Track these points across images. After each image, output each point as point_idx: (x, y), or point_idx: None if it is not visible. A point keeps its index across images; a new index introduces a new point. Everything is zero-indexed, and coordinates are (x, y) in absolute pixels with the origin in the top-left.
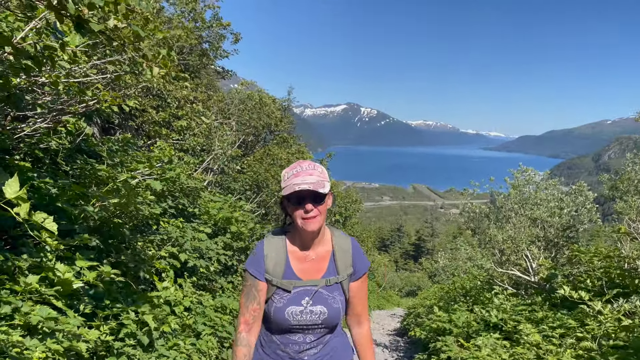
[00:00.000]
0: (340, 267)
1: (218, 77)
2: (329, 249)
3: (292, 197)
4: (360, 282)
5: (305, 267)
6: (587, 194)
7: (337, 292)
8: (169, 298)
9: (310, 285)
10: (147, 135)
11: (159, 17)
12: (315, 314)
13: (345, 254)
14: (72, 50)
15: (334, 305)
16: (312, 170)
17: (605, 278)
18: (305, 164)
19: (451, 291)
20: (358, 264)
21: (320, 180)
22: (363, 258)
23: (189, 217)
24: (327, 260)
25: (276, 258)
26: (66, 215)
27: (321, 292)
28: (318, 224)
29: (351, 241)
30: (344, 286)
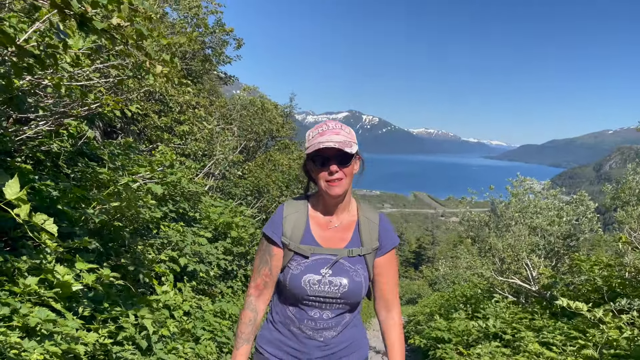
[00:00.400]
0: (365, 239)
1: (220, 83)
2: (354, 218)
3: (316, 157)
4: (387, 259)
5: (327, 234)
6: (588, 203)
7: (360, 265)
8: (168, 302)
9: (330, 254)
10: (149, 139)
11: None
12: (335, 285)
13: (371, 225)
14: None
15: (356, 279)
16: (339, 130)
17: (605, 287)
18: (332, 123)
19: (451, 299)
20: (385, 238)
21: (348, 140)
22: (391, 233)
23: (190, 221)
24: (352, 230)
25: (296, 221)
26: (67, 218)
27: (342, 263)
28: (343, 187)
29: (379, 215)
30: (367, 261)
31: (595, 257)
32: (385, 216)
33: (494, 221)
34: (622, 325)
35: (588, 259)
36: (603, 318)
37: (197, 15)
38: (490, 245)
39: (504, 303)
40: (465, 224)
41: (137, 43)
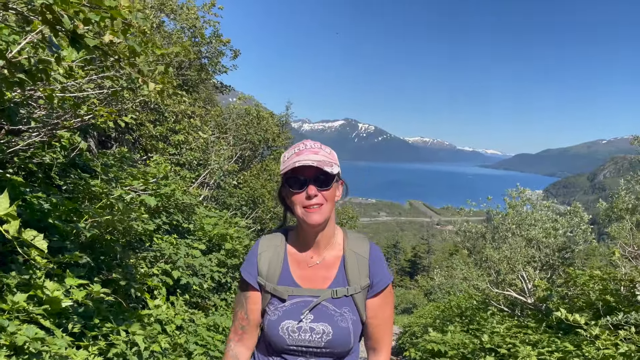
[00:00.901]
0: (351, 276)
1: (216, 92)
2: (339, 253)
3: (291, 179)
4: (381, 300)
5: (308, 273)
6: (582, 215)
7: (347, 307)
8: (160, 316)
9: (311, 296)
10: (143, 148)
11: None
12: (317, 333)
13: (359, 260)
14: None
15: (342, 324)
16: (318, 149)
17: (601, 302)
18: (310, 142)
19: (447, 310)
20: (377, 275)
21: (328, 160)
22: (384, 268)
23: (183, 233)
24: (336, 267)
25: (272, 258)
26: (57, 232)
27: (325, 306)
28: (324, 214)
29: (370, 246)
30: (357, 302)
31: (590, 272)
32: (377, 248)
33: (490, 232)
34: (619, 342)
35: (583, 273)
36: (600, 334)
37: (195, 26)
38: (487, 257)
39: (499, 316)
40: (462, 235)
41: (130, 60)
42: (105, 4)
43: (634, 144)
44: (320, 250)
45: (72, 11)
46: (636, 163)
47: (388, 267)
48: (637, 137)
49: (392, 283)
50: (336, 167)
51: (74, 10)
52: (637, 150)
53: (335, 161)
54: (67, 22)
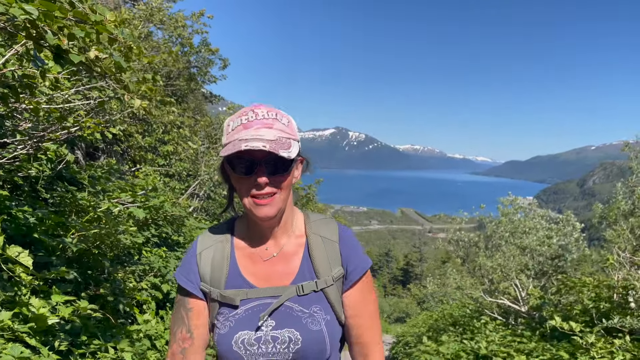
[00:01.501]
0: (319, 266)
1: (206, 102)
2: (302, 240)
3: (236, 160)
4: (359, 290)
5: (262, 269)
6: (574, 223)
7: (317, 306)
8: (149, 332)
9: (270, 297)
10: (132, 160)
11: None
12: (282, 342)
13: (328, 246)
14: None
15: (312, 327)
16: (272, 121)
17: (594, 309)
18: (263, 109)
19: (440, 319)
20: (352, 260)
21: (285, 136)
22: (358, 251)
23: (173, 245)
24: (299, 257)
25: (214, 257)
26: (43, 247)
27: (289, 308)
28: (276, 206)
29: (338, 227)
30: (330, 297)
31: (584, 279)
32: (348, 229)
33: (483, 241)
34: (614, 350)
35: (577, 281)
36: (595, 342)
37: (183, 35)
38: (480, 265)
39: (493, 325)
40: (454, 244)
41: (116, 76)
42: (91, 19)
43: (625, 150)
44: (277, 240)
45: (56, 27)
46: (626, 169)
47: (362, 250)
48: (627, 144)
49: (370, 269)
50: (295, 147)
51: (58, 26)
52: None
53: (294, 136)
54: (50, 38)
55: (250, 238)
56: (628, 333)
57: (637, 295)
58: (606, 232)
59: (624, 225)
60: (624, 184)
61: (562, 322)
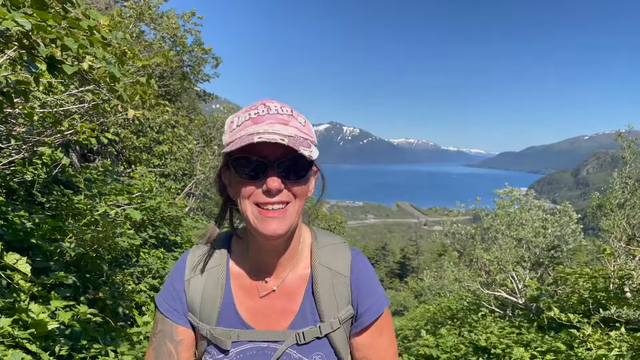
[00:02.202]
0: (324, 306)
1: (199, 100)
2: (306, 271)
3: (240, 160)
4: (373, 335)
5: (259, 305)
6: (571, 214)
7: (320, 353)
8: (149, 334)
9: (268, 342)
10: (127, 160)
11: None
12: None
13: (336, 280)
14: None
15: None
16: (288, 117)
17: (591, 299)
18: (276, 104)
19: (438, 312)
20: (366, 300)
21: (304, 136)
22: (375, 290)
23: (170, 246)
24: (301, 295)
25: (206, 285)
26: (41, 252)
27: (288, 355)
28: (288, 221)
29: (352, 257)
30: (335, 343)
31: (580, 269)
32: (363, 259)
33: (480, 233)
34: (611, 342)
35: (573, 272)
36: (592, 334)
37: (175, 35)
38: (477, 258)
39: (491, 317)
40: (451, 237)
41: (110, 85)
42: (84, 26)
43: (617, 139)
44: (280, 271)
45: (48, 40)
46: (618, 158)
47: (379, 284)
48: (620, 133)
49: (387, 307)
50: (315, 149)
51: (50, 38)
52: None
53: (313, 138)
54: (43, 50)
55: (250, 265)
56: (624, 323)
57: (633, 285)
58: (602, 222)
59: (619, 214)
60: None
61: (560, 313)
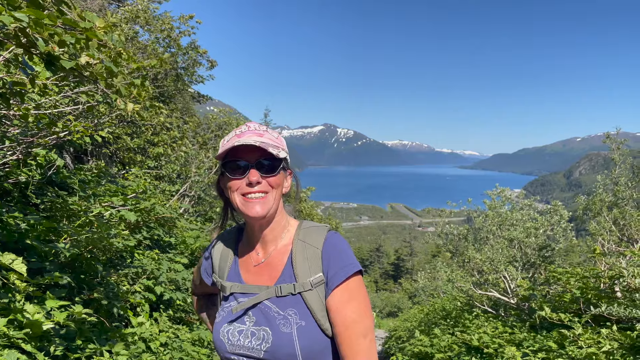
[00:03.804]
0: (299, 270)
1: (194, 102)
2: (288, 248)
3: (230, 163)
4: (338, 297)
5: (253, 272)
6: (562, 212)
7: (293, 310)
8: (144, 334)
9: (253, 294)
10: (121, 162)
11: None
12: (257, 339)
13: (310, 252)
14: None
15: (283, 330)
16: (263, 132)
17: (582, 298)
18: (255, 124)
19: (431, 313)
20: (333, 266)
21: (274, 144)
22: (343, 258)
23: (165, 247)
24: (283, 263)
25: (222, 253)
26: (36, 252)
27: (268, 307)
28: (267, 205)
29: (327, 235)
30: (310, 303)
31: (572, 269)
32: (337, 236)
33: (472, 234)
34: (601, 340)
35: (564, 271)
36: (583, 334)
37: (170, 37)
38: (469, 258)
39: (484, 317)
40: (444, 237)
41: (107, 81)
42: (81, 26)
43: (606, 142)
44: (267, 247)
45: (46, 34)
46: (610, 160)
47: (353, 256)
48: (608, 135)
49: (360, 274)
50: (283, 152)
51: (49, 33)
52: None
53: (282, 146)
54: (42, 45)
55: (247, 244)
56: (615, 322)
57: (624, 284)
58: (590, 225)
59: (607, 217)
60: (606, 176)
61: (552, 312)
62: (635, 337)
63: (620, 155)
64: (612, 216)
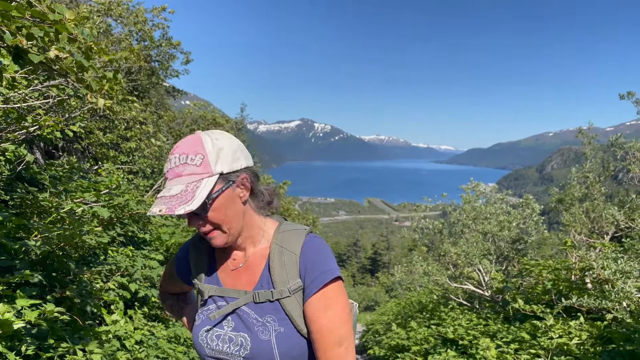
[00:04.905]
0: (276, 277)
1: (168, 96)
2: (266, 252)
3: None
4: (315, 303)
5: (232, 276)
6: (533, 206)
7: (271, 316)
8: (118, 332)
9: (232, 298)
10: (93, 157)
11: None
12: (236, 344)
13: (287, 257)
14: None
15: (262, 337)
16: (182, 167)
17: (554, 290)
18: (176, 152)
19: (408, 306)
20: (311, 272)
21: (194, 180)
22: (321, 264)
23: (139, 244)
24: (261, 268)
25: (199, 253)
26: (5, 250)
27: (247, 313)
28: (220, 239)
29: (306, 239)
30: (288, 310)
31: (544, 261)
32: (317, 241)
33: (447, 228)
34: (572, 331)
35: (537, 264)
36: (554, 324)
37: (143, 30)
38: (445, 252)
39: (459, 310)
40: (419, 232)
41: (78, 75)
42: (50, 18)
43: (578, 136)
44: (245, 251)
45: (14, 26)
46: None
47: (333, 261)
48: (580, 130)
49: (341, 280)
50: (208, 184)
51: (16, 26)
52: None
53: (208, 172)
54: (8, 38)
55: (225, 249)
56: (585, 312)
57: (594, 276)
58: (563, 217)
59: (579, 209)
60: (578, 170)
61: (525, 305)
62: (603, 328)
63: (591, 149)
64: (584, 208)
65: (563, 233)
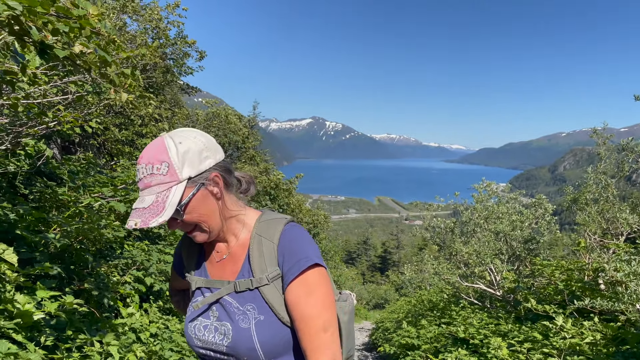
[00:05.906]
0: (255, 265)
1: (182, 93)
2: (247, 242)
3: None
4: (294, 291)
5: (218, 267)
6: (546, 206)
7: (251, 305)
8: (134, 325)
9: (216, 288)
10: (109, 153)
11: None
12: (220, 334)
13: (266, 246)
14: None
15: (242, 325)
16: (149, 178)
17: (567, 291)
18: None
19: (418, 304)
20: (289, 260)
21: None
22: (298, 251)
23: (155, 238)
24: (243, 258)
25: (190, 246)
26: (26, 243)
27: (229, 302)
28: (201, 236)
29: (284, 229)
30: (268, 298)
31: (556, 262)
32: (295, 228)
33: (459, 227)
34: (584, 331)
35: (549, 264)
36: (564, 325)
37: (159, 27)
38: (456, 251)
39: (471, 309)
40: (431, 231)
41: (101, 71)
42: (74, 14)
43: (593, 137)
44: (228, 242)
45: (40, 22)
46: (594, 155)
47: (312, 249)
48: (595, 130)
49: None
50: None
51: (42, 21)
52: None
53: (175, 179)
54: (35, 33)
55: (212, 243)
56: (598, 313)
57: (607, 277)
58: (578, 216)
59: (594, 208)
60: (594, 170)
61: (537, 304)
62: (617, 329)
63: (605, 150)
64: (599, 208)
65: (576, 234)
